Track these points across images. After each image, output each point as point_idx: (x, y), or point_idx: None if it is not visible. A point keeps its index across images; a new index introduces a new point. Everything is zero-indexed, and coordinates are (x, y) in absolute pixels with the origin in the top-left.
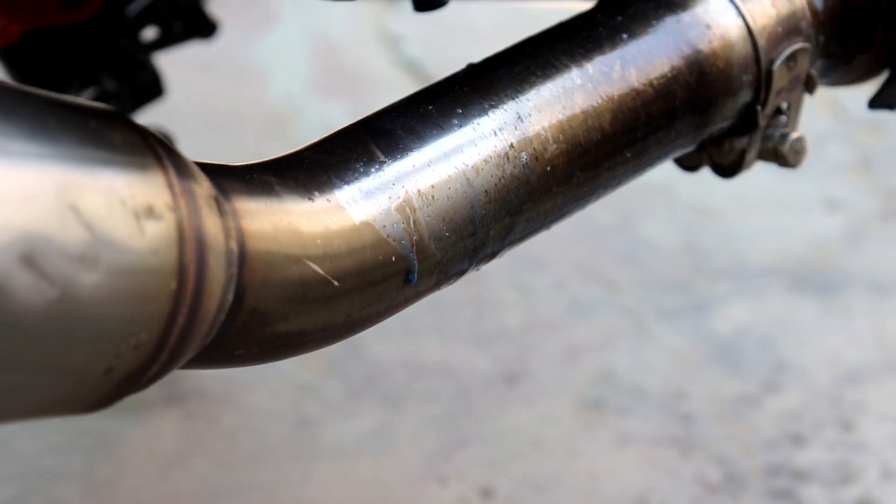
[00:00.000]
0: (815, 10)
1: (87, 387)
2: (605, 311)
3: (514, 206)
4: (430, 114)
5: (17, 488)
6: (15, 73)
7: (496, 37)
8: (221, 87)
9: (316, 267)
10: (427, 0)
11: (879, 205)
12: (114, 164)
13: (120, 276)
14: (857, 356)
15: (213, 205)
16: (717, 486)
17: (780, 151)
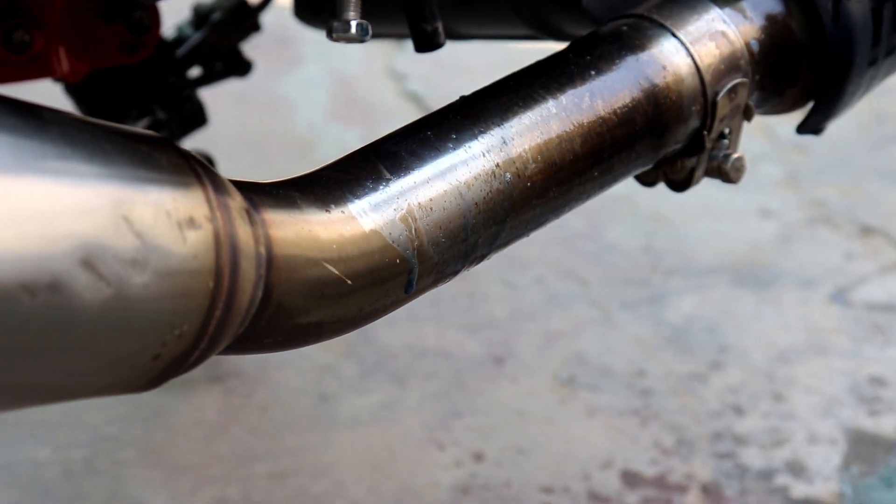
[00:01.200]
0: (752, 51)
1: (139, 370)
2: (577, 302)
3: (499, 216)
4: (428, 138)
5: (86, 452)
6: (83, 106)
7: (487, 73)
8: (256, 117)
9: (332, 268)
10: (426, 42)
11: (805, 213)
12: (160, 182)
13: (165, 277)
14: (787, 340)
15: (244, 216)
16: (670, 450)
17: (724, 169)
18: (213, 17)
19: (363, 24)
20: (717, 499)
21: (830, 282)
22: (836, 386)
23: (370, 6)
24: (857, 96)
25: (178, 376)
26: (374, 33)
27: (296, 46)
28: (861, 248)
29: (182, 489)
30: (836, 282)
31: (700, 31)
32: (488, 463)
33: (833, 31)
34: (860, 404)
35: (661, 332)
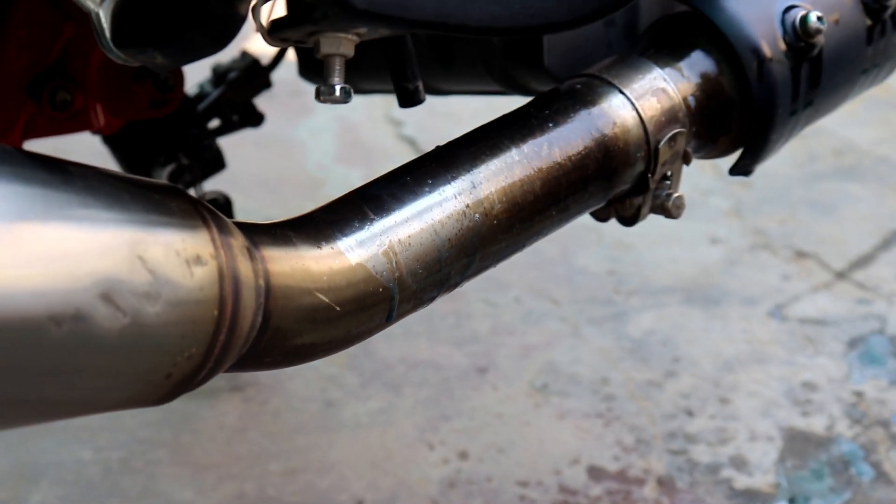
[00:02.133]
0: (689, 105)
1: (153, 387)
2: (549, 319)
3: (470, 250)
4: (407, 183)
5: (123, 452)
6: (118, 153)
7: (472, 119)
8: (273, 159)
9: (322, 297)
10: (408, 99)
11: (748, 240)
12: (171, 226)
13: (175, 307)
14: (731, 350)
15: (245, 253)
16: (630, 448)
17: (666, 206)
18: (229, 76)
19: (346, 88)
20: (670, 490)
21: (769, 300)
22: (773, 390)
23: (362, 67)
24: (780, 143)
25: (188, 392)
26: (365, 90)
27: (307, 98)
28: (796, 270)
29: (206, 485)
30: (774, 300)
31: (644, 88)
32: (472, 460)
33: (758, 88)
34: (794, 406)
35: (623, 344)
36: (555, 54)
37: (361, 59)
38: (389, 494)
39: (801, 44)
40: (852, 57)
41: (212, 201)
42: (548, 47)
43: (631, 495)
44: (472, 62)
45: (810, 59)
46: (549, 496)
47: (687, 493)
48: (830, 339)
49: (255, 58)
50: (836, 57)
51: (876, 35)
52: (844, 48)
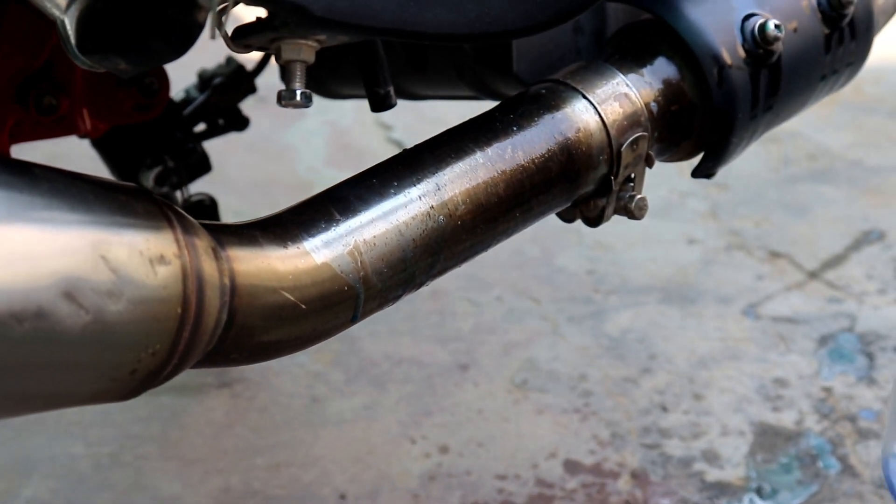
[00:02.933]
0: (651, 110)
1: (119, 383)
2: (530, 317)
3: (434, 250)
4: (374, 185)
5: (113, 447)
6: (105, 156)
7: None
8: (263, 163)
9: (288, 295)
10: (379, 104)
11: (723, 241)
12: (135, 226)
13: (138, 305)
14: (706, 348)
15: (210, 253)
16: (606, 442)
17: (629, 208)
18: (215, 81)
19: (306, 93)
20: (643, 483)
21: (743, 299)
22: (745, 387)
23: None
24: (741, 147)
25: (154, 387)
26: (345, 95)
27: None
28: (769, 270)
29: (193, 479)
30: (748, 299)
31: (607, 93)
32: (452, 454)
33: (718, 94)
34: (765, 402)
35: (601, 342)
36: (524, 60)
37: (340, 66)
38: (371, 488)
39: (760, 51)
40: (811, 64)
41: (198, 203)
42: (517, 54)
43: (606, 488)
44: (445, 67)
45: (769, 65)
46: (527, 489)
47: (660, 485)
48: (801, 336)
49: (239, 63)
50: (795, 64)
51: (834, 43)
52: (803, 55)
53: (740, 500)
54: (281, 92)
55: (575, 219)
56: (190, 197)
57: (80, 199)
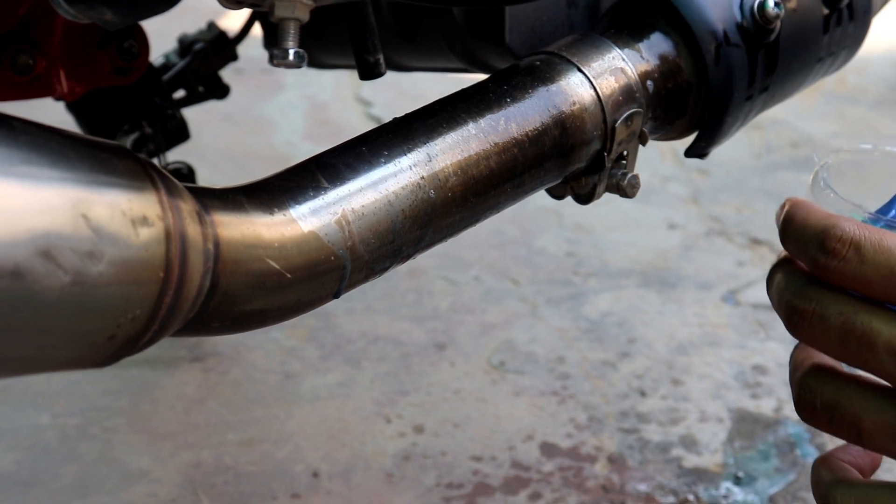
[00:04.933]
0: (647, 86)
1: (96, 348)
2: (509, 298)
3: (423, 222)
4: (363, 153)
5: (81, 419)
6: (81, 120)
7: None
8: (241, 135)
9: (273, 263)
10: (368, 72)
11: (704, 226)
12: (118, 186)
13: (119, 267)
14: (685, 333)
15: (195, 216)
16: (583, 425)
17: (621, 185)
18: (195, 47)
19: (300, 52)
20: (620, 468)
21: (723, 285)
22: (724, 373)
23: (325, 41)
24: (735, 127)
25: (132, 354)
26: (328, 64)
27: (277, 75)
28: (750, 257)
29: (163, 453)
30: (728, 285)
31: (602, 67)
32: (428, 434)
33: (715, 72)
34: (744, 388)
35: (580, 325)
36: (516, 32)
37: (325, 33)
38: (345, 466)
39: (758, 29)
40: (808, 44)
41: (175, 171)
42: (510, 25)
43: (582, 472)
44: (435, 38)
45: (767, 44)
46: (502, 471)
47: (637, 470)
48: (781, 324)
49: (221, 30)
50: (793, 44)
51: (832, 24)
52: (801, 35)
53: (717, 487)
54: (273, 51)
55: (565, 195)
56: (167, 165)
57: (60, 155)
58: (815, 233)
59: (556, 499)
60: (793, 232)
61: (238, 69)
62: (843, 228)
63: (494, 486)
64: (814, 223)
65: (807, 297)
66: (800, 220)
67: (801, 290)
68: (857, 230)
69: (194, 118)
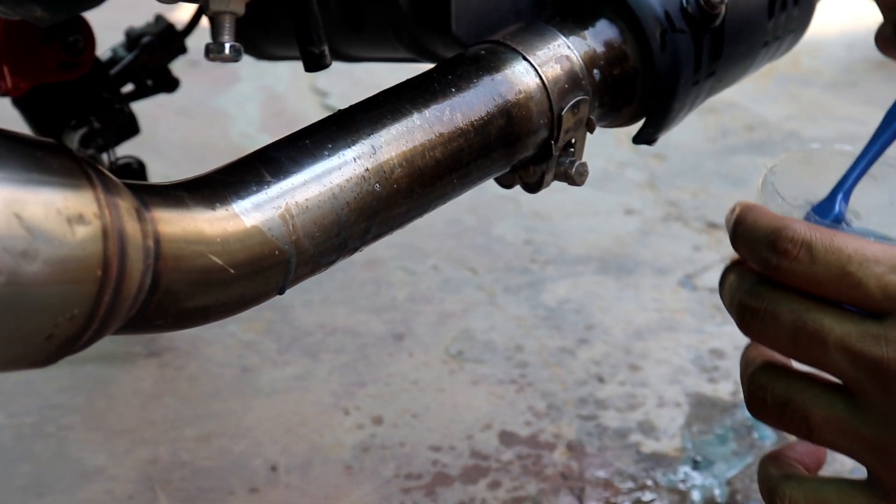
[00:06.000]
0: (593, 73)
1: (34, 349)
2: (467, 287)
3: (369, 214)
4: (307, 146)
5: (35, 417)
6: (28, 117)
7: None
8: (196, 128)
9: (216, 259)
10: (314, 63)
11: (661, 212)
12: (52, 184)
13: (55, 266)
14: (643, 319)
15: (133, 213)
16: (542, 413)
17: (569, 174)
18: (143, 41)
19: (235, 46)
20: (579, 455)
21: (680, 270)
22: (682, 358)
23: (272, 33)
24: (683, 113)
25: (73, 353)
26: (275, 56)
27: (232, 67)
28: (706, 242)
29: (119, 450)
30: (685, 270)
31: (547, 55)
32: (386, 425)
33: (661, 58)
34: (701, 373)
35: (538, 312)
36: (463, 21)
37: (271, 25)
38: (303, 459)
39: (703, 15)
40: (753, 29)
41: (125, 166)
42: (456, 14)
43: (541, 460)
44: (382, 28)
45: (712, 29)
46: (462, 461)
47: (596, 457)
48: None
49: (169, 22)
50: (738, 29)
51: (777, 8)
52: (746, 20)
53: (676, 472)
54: (209, 45)
55: (514, 184)
56: (117, 160)
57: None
58: (766, 234)
59: (515, 487)
60: (743, 234)
61: (192, 62)
62: (794, 229)
63: (453, 476)
64: (764, 225)
65: (759, 296)
66: (750, 222)
67: (752, 289)
68: (808, 231)
69: (149, 111)
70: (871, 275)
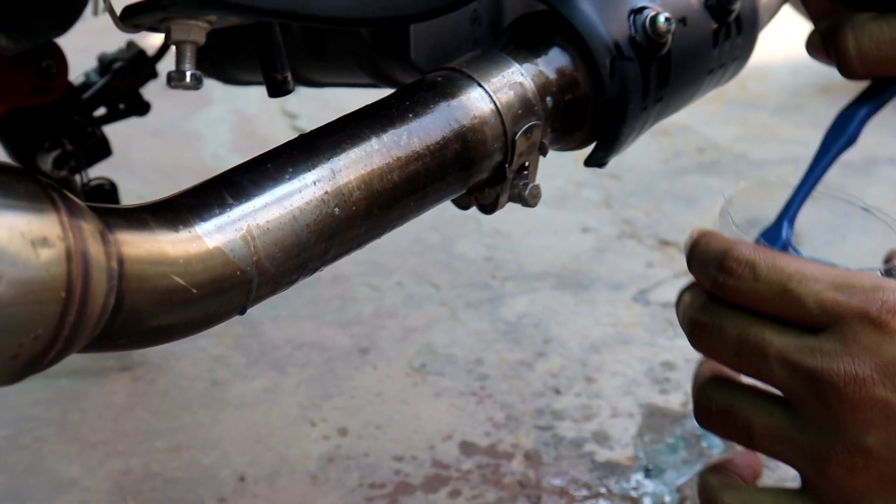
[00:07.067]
0: (545, 99)
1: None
2: (429, 303)
3: (328, 235)
4: (268, 170)
5: (11, 430)
6: (2, 139)
7: None
8: (169, 149)
9: (178, 279)
10: (276, 89)
11: (616, 230)
12: (17, 208)
13: (19, 287)
14: (598, 333)
15: (97, 236)
16: (501, 424)
17: (523, 195)
18: (115, 66)
19: (196, 74)
20: (536, 464)
21: (634, 285)
22: (635, 370)
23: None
24: (632, 137)
25: (38, 372)
26: (241, 81)
27: (205, 90)
28: (659, 258)
29: (93, 461)
30: (639, 285)
31: (502, 82)
32: (351, 436)
33: (610, 85)
34: (654, 384)
35: (498, 327)
36: (422, 49)
37: (237, 51)
38: (271, 470)
39: (650, 43)
40: (699, 57)
41: (97, 187)
42: (415, 42)
43: (500, 469)
44: (343, 55)
45: (660, 58)
46: (423, 470)
47: (552, 465)
48: None
49: (140, 48)
50: (684, 56)
51: (721, 37)
52: (691, 48)
53: (628, 480)
54: (170, 73)
55: (470, 206)
56: (89, 181)
57: None
58: (716, 255)
59: (475, 495)
60: (697, 256)
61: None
62: (740, 250)
63: (415, 485)
64: (715, 247)
65: (707, 312)
66: (703, 244)
67: (702, 306)
68: (752, 252)
69: (123, 133)
70: (809, 292)
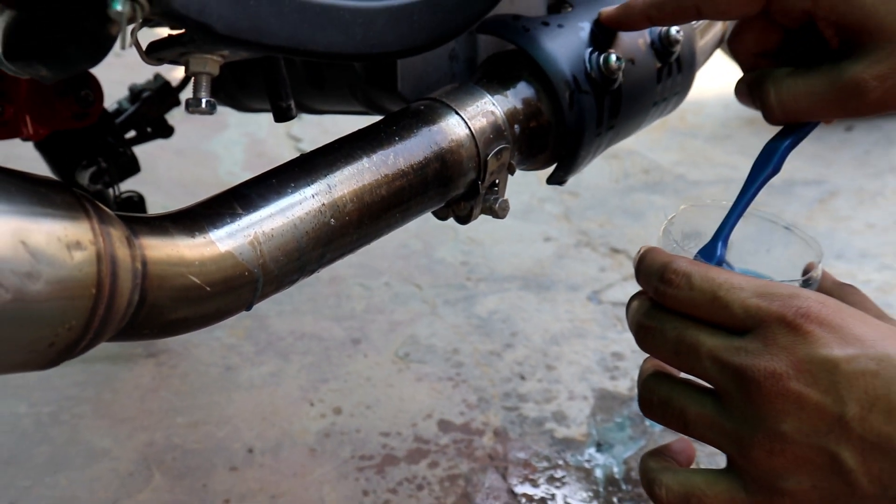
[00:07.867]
0: (513, 126)
1: (38, 354)
2: (413, 300)
3: (324, 241)
4: (273, 184)
5: (53, 407)
6: (47, 157)
7: None
8: (189, 167)
9: (194, 279)
10: (282, 115)
11: (574, 239)
12: (54, 216)
13: (55, 284)
14: (558, 327)
15: (124, 240)
16: (474, 405)
17: (494, 209)
18: (144, 95)
19: (211, 101)
20: (504, 440)
21: (589, 287)
22: (589, 359)
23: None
24: (588, 159)
25: (72, 358)
26: (253, 108)
27: (221, 116)
28: (610, 264)
29: (122, 435)
30: (593, 287)
31: (476, 110)
32: (345, 415)
33: (569, 114)
34: (605, 372)
35: (472, 321)
36: (407, 81)
37: (247, 83)
38: (275, 443)
39: (604, 79)
40: (645, 91)
41: (127, 199)
42: (401, 75)
43: (472, 444)
44: (340, 86)
45: (611, 91)
46: (406, 444)
47: (517, 441)
48: None
49: (166, 80)
50: (632, 91)
51: (664, 75)
52: (639, 84)
53: (582, 454)
54: (188, 100)
55: (448, 217)
56: (121, 194)
57: (2, 191)
58: (658, 268)
59: (451, 466)
60: (642, 268)
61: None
62: (678, 264)
63: (400, 457)
64: (657, 260)
65: (650, 317)
66: (648, 259)
67: (647, 312)
68: (688, 265)
69: (150, 153)
70: (735, 299)
